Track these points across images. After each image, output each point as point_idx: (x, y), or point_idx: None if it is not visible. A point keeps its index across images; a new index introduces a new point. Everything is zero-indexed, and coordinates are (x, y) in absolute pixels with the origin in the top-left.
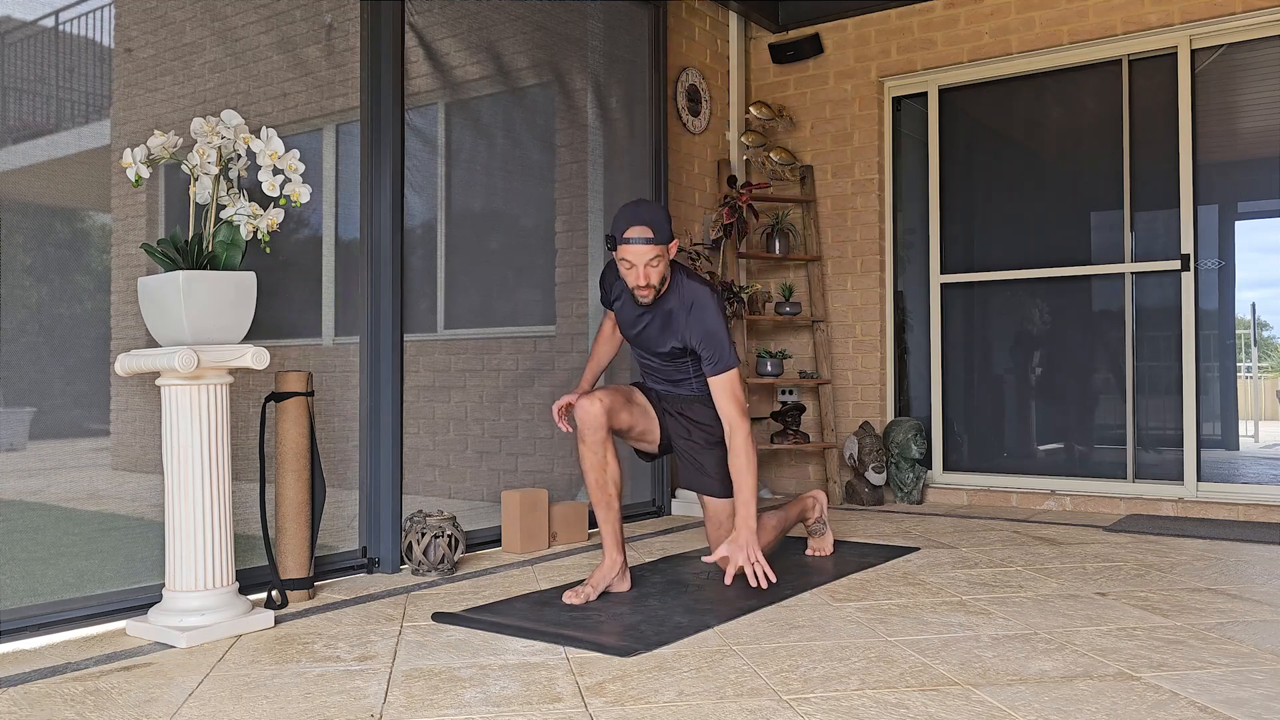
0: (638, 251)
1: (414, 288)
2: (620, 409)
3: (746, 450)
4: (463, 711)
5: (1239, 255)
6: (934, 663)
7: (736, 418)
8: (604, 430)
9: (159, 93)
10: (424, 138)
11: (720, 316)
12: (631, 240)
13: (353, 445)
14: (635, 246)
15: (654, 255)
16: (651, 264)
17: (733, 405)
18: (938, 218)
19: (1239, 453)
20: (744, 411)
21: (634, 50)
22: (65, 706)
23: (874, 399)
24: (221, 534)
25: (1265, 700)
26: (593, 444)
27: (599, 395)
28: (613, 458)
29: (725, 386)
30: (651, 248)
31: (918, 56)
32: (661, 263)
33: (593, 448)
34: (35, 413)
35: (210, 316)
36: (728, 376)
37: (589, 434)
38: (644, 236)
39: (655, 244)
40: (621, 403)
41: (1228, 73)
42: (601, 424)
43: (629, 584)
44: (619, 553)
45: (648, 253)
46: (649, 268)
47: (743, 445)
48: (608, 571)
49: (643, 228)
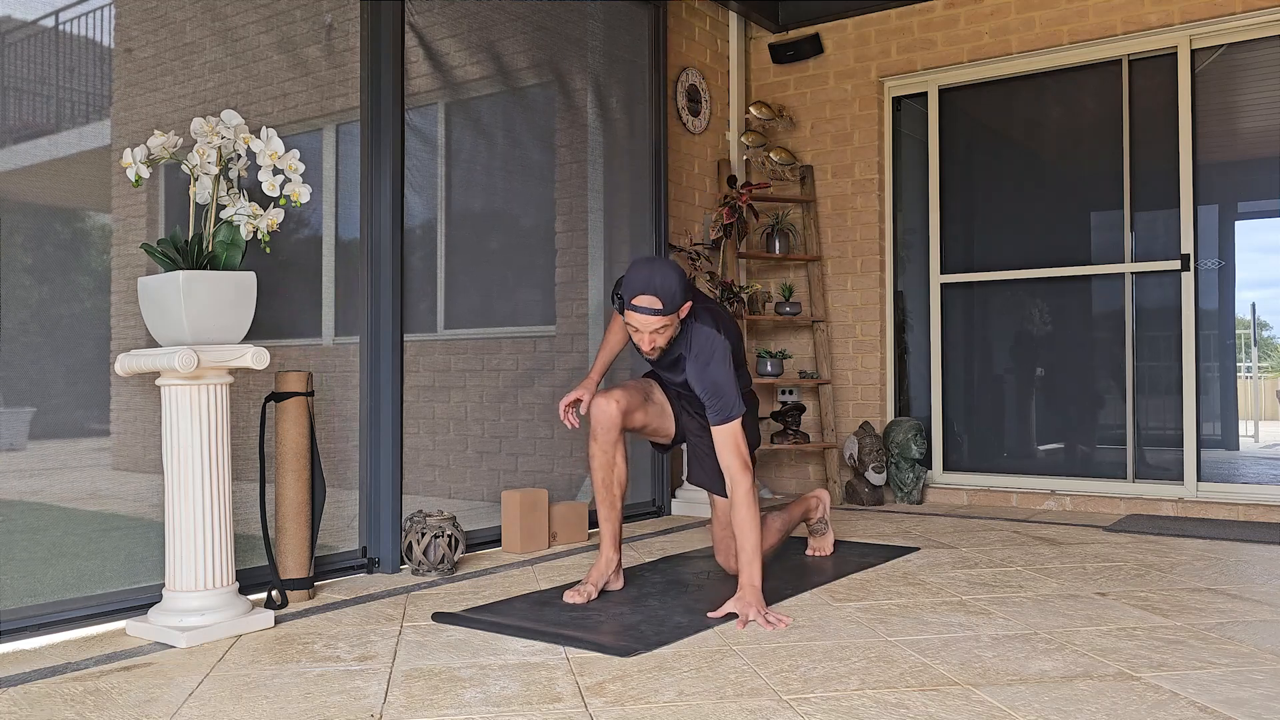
0: (644, 321)
1: (414, 288)
2: (636, 409)
3: (749, 505)
4: (463, 711)
5: (1239, 255)
6: (934, 663)
7: (738, 470)
8: (617, 431)
9: (159, 93)
10: (424, 138)
11: (726, 366)
12: (639, 309)
13: (353, 445)
14: (642, 316)
15: (661, 325)
16: (658, 331)
17: (734, 457)
18: (938, 218)
19: (1239, 453)
20: (746, 465)
21: (634, 50)
22: (65, 706)
23: (874, 399)
24: (221, 534)
25: (1265, 700)
26: (604, 444)
27: (615, 395)
28: (622, 459)
29: (727, 437)
30: (659, 319)
31: (918, 56)
32: (669, 330)
33: (604, 447)
34: (35, 413)
35: (210, 316)
36: (730, 427)
37: (602, 434)
38: (652, 308)
39: (663, 314)
40: (639, 402)
41: (1228, 73)
42: (615, 424)
43: (622, 582)
44: (615, 551)
45: (654, 323)
46: (655, 334)
47: (744, 499)
48: (604, 569)
49: (651, 298)
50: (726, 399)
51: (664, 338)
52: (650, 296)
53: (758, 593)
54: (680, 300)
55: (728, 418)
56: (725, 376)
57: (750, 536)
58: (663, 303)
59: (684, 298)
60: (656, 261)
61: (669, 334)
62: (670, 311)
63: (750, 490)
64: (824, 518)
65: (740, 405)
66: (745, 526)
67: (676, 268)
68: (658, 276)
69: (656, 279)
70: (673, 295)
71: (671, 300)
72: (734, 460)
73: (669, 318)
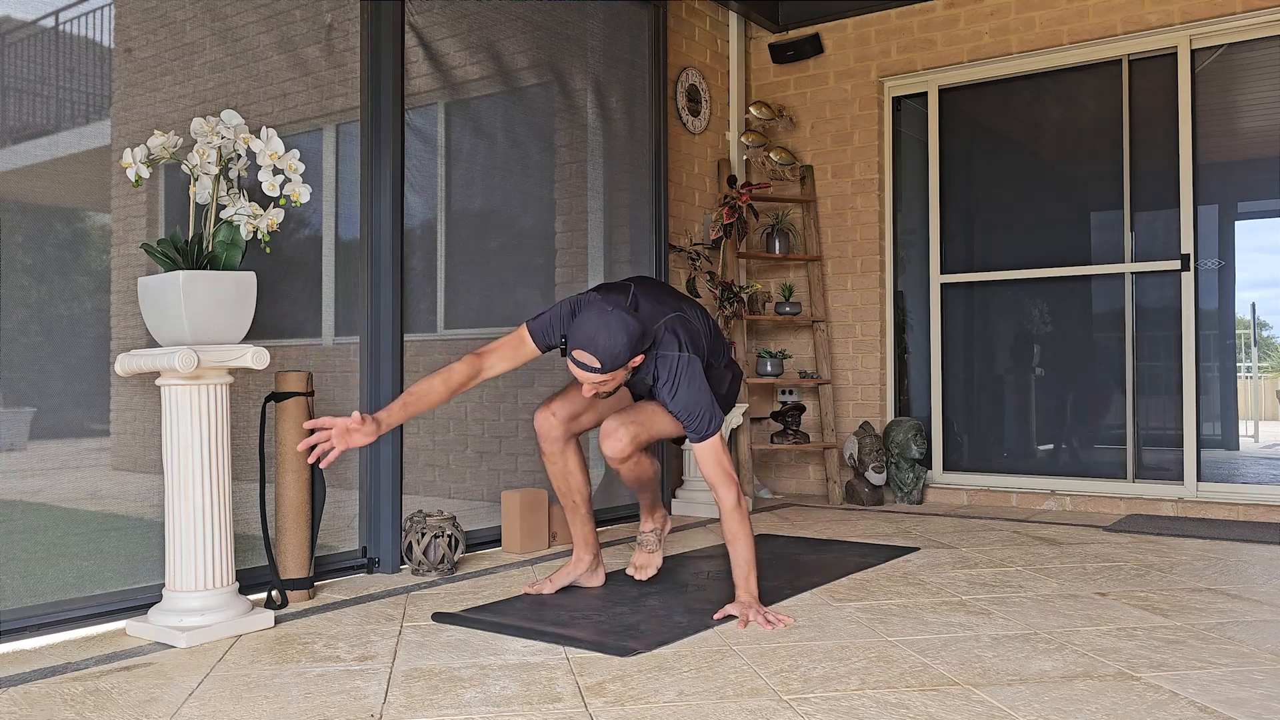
0: (579, 373)
1: (414, 288)
2: (582, 411)
3: (738, 517)
4: (463, 711)
5: (1239, 255)
6: (934, 663)
7: (723, 484)
8: (561, 441)
9: (159, 93)
10: (424, 138)
11: (698, 384)
12: (577, 362)
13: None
14: (579, 371)
15: (601, 380)
16: (600, 385)
17: (717, 471)
18: (938, 218)
19: (1239, 453)
20: (730, 477)
21: (634, 50)
22: (65, 706)
23: (874, 399)
24: (221, 534)
25: (1265, 700)
26: (551, 454)
27: (553, 406)
28: (576, 467)
29: (708, 453)
30: (595, 375)
31: (918, 56)
32: (614, 382)
33: (552, 458)
34: (35, 413)
35: (210, 316)
36: (710, 444)
37: (545, 445)
38: (590, 365)
39: (600, 373)
40: (583, 404)
41: (1228, 73)
42: (556, 435)
43: (602, 579)
44: (587, 551)
45: (591, 378)
46: (596, 387)
47: (732, 511)
48: (573, 568)
49: (589, 356)
50: (703, 417)
51: (609, 388)
52: (589, 355)
53: (754, 598)
54: (624, 360)
55: (706, 435)
56: (696, 396)
57: (743, 548)
58: (601, 364)
59: (630, 355)
60: (609, 315)
61: (615, 384)
62: (610, 371)
63: (738, 502)
64: (657, 530)
65: (719, 417)
66: (737, 537)
67: (629, 330)
68: (601, 337)
69: (600, 339)
70: (614, 358)
71: (612, 362)
72: (717, 474)
73: (610, 375)
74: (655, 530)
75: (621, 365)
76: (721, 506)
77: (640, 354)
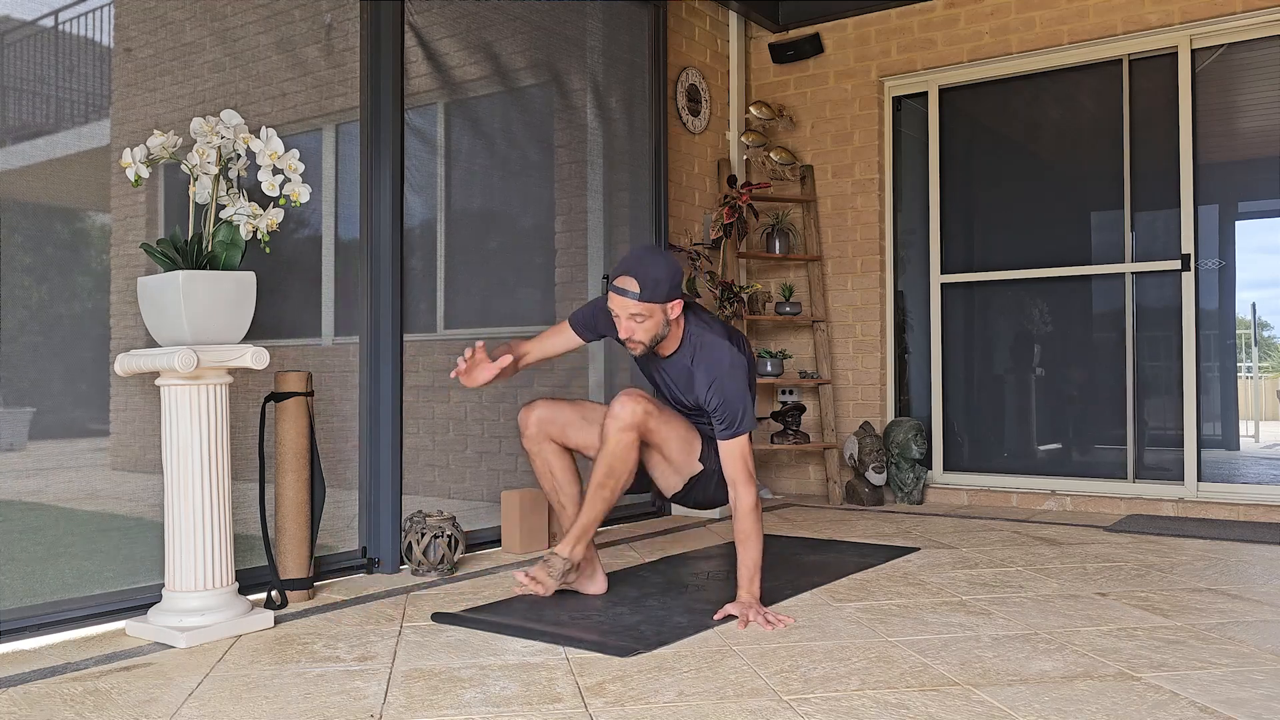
0: (618, 302)
1: (414, 288)
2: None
3: (754, 517)
4: (463, 712)
5: (1239, 255)
6: (934, 663)
7: (743, 483)
8: (535, 440)
9: (159, 93)
10: (424, 138)
11: (741, 381)
12: (615, 289)
13: (352, 445)
14: (616, 297)
15: (637, 311)
16: (635, 318)
17: (740, 467)
18: (938, 218)
19: (1239, 453)
20: (752, 477)
21: (634, 50)
22: (65, 706)
23: (874, 399)
24: (221, 534)
25: (1265, 700)
26: (530, 451)
27: (536, 404)
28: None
29: (734, 450)
30: (634, 303)
31: (918, 56)
32: (650, 322)
33: (530, 455)
34: (35, 413)
35: (210, 316)
36: (740, 441)
37: (522, 442)
38: (628, 289)
39: (640, 301)
40: (571, 418)
41: (1228, 73)
42: (532, 433)
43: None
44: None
45: (629, 306)
46: (632, 322)
47: (748, 512)
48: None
49: (629, 279)
50: (736, 414)
51: (644, 331)
52: (629, 278)
53: (755, 600)
54: (663, 292)
55: (737, 431)
56: (739, 391)
57: (753, 550)
58: (640, 287)
59: (669, 292)
60: (654, 250)
61: (650, 330)
62: (647, 299)
63: (755, 505)
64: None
65: (752, 421)
66: (749, 538)
67: (672, 264)
68: (646, 262)
69: (644, 264)
70: (654, 283)
71: (651, 288)
72: (740, 471)
73: (646, 306)
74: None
75: (659, 300)
76: (738, 505)
77: (679, 302)
